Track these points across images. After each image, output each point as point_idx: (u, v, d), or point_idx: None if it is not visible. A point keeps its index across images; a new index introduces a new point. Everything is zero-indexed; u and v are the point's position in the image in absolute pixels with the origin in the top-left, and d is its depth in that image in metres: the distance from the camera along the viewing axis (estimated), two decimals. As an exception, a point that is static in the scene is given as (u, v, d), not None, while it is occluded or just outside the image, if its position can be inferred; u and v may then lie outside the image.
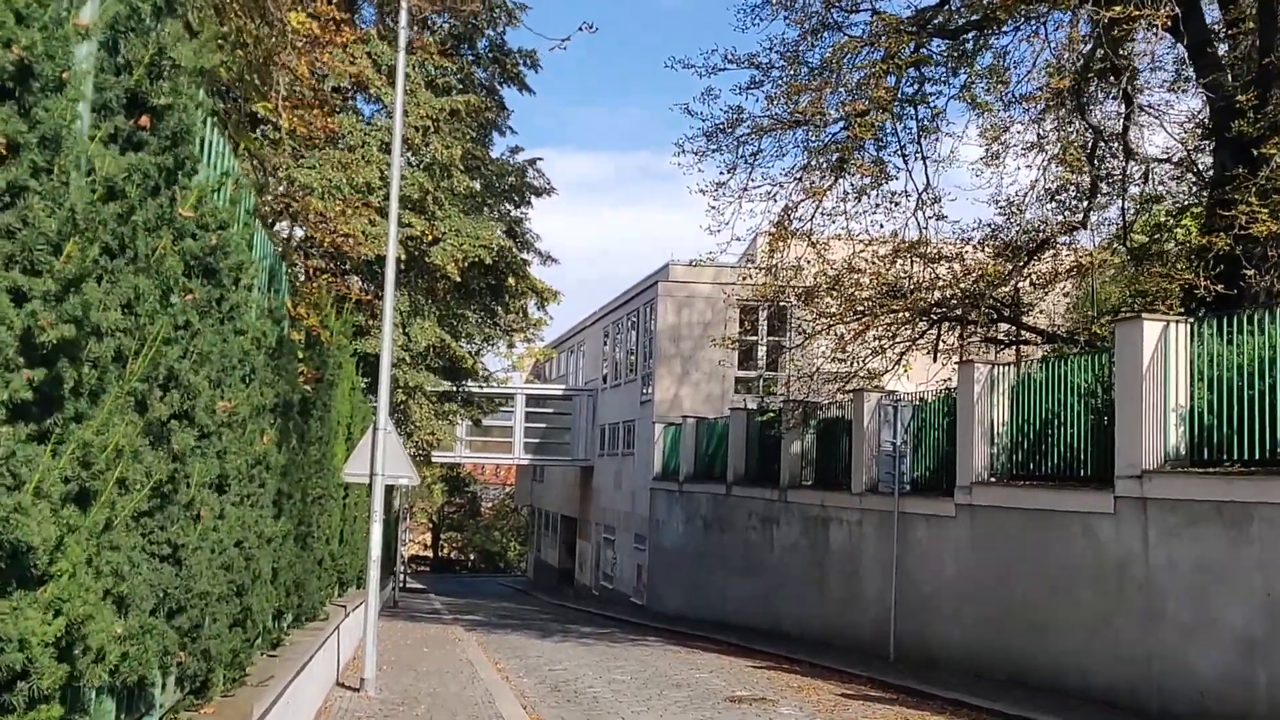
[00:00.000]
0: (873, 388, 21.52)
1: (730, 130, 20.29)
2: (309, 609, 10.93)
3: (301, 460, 8.79)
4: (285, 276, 8.37)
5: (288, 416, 7.79)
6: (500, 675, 16.25)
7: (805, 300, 21.86)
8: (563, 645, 22.09)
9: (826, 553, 22.68)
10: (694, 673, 17.87)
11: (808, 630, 23.21)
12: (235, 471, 5.77)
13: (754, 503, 26.80)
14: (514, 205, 25.67)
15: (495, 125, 25.61)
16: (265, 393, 6.73)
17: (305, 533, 10.14)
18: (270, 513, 7.19)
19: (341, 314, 11.93)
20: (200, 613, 5.32)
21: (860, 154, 19.32)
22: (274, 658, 8.09)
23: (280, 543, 8.05)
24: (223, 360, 5.33)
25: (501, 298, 26.10)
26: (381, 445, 13.32)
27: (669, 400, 36.10)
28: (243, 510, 6.25)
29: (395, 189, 12.88)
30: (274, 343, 7.19)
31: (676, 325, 36.43)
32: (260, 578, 6.84)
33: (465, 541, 77.64)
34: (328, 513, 11.88)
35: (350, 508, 15.60)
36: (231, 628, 6.38)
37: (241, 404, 5.67)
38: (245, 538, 6.28)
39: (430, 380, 20.60)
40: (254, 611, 6.68)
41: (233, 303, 5.55)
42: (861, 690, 16.51)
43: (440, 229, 18.85)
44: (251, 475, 6.39)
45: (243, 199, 6.14)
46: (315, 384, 9.45)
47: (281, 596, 8.21)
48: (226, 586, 5.89)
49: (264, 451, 6.56)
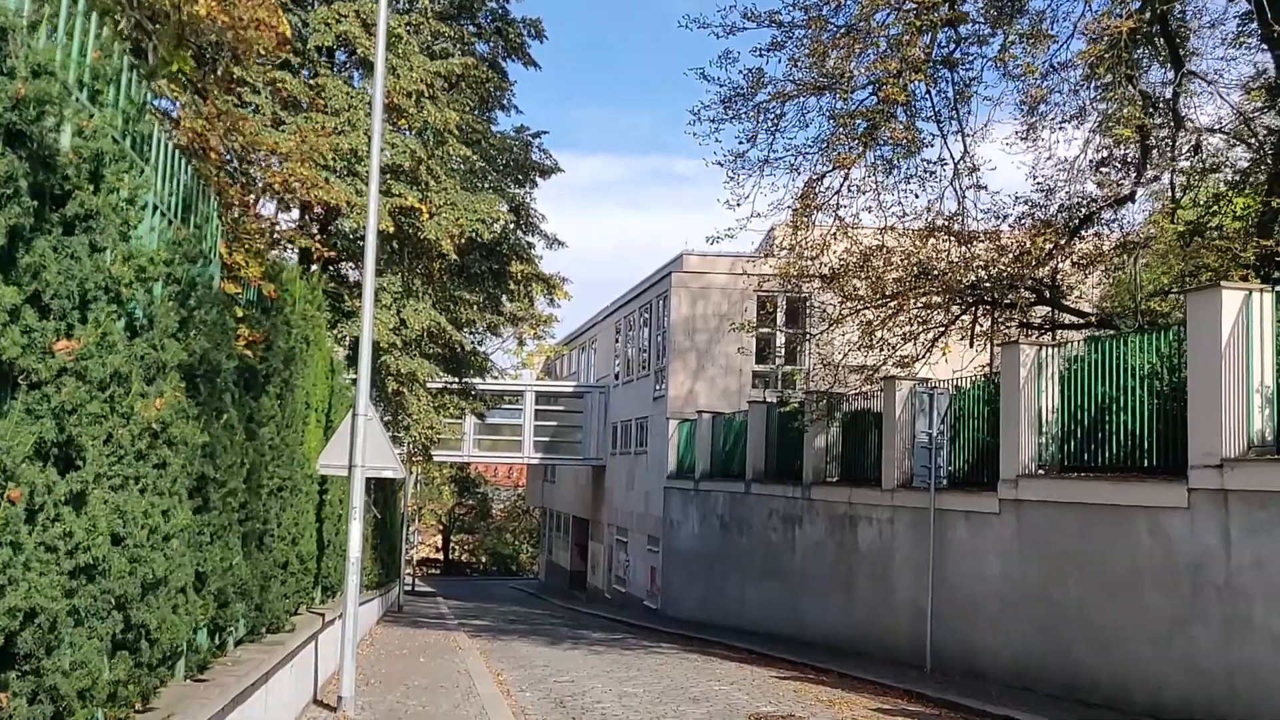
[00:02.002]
0: (904, 375, 19.94)
1: (750, 96, 18.72)
2: (269, 620, 9.41)
3: (240, 442, 7.27)
4: (216, 215, 6.87)
5: (212, 383, 6.28)
6: (500, 689, 14.74)
7: (830, 282, 20.29)
8: (572, 653, 20.59)
9: (854, 553, 21.10)
10: (713, 684, 16.36)
11: (834, 637, 21.64)
12: (96, 442, 4.25)
13: (775, 501, 25.25)
14: (517, 184, 24.15)
15: (499, 101, 24.10)
16: (164, 344, 5.20)
17: (259, 530, 8.63)
18: (182, 502, 5.68)
19: (309, 279, 10.49)
20: (37, 637, 3.80)
21: (891, 121, 17.71)
22: (201, 682, 6.57)
23: (209, 541, 6.54)
24: (64, 282, 3.80)
25: (505, 283, 24.57)
26: (361, 433, 11.81)
27: (683, 396, 34.60)
28: (123, 496, 4.72)
29: (378, 137, 11.36)
30: (184, 285, 5.67)
31: (691, 318, 34.92)
32: (163, 585, 5.32)
33: (476, 544, 76.34)
34: (294, 508, 10.36)
35: (334, 504, 14.07)
36: (114, 652, 4.87)
37: (100, 349, 4.15)
38: (128, 533, 4.76)
39: (426, 368, 19.09)
40: (151, 629, 5.16)
41: (88, 207, 4.03)
42: (898, 704, 14.96)
43: (434, 202, 17.34)
44: (139, 451, 4.87)
45: (120, 78, 4.63)
46: (265, 350, 7.93)
47: (212, 607, 6.69)
48: (90, 599, 4.36)
49: (160, 420, 5.03)
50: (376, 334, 17.64)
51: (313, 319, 10.63)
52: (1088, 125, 19.55)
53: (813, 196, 18.69)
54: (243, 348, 7.11)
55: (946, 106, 18.48)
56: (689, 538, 31.62)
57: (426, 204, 17.09)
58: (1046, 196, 19.44)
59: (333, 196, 15.07)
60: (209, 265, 6.63)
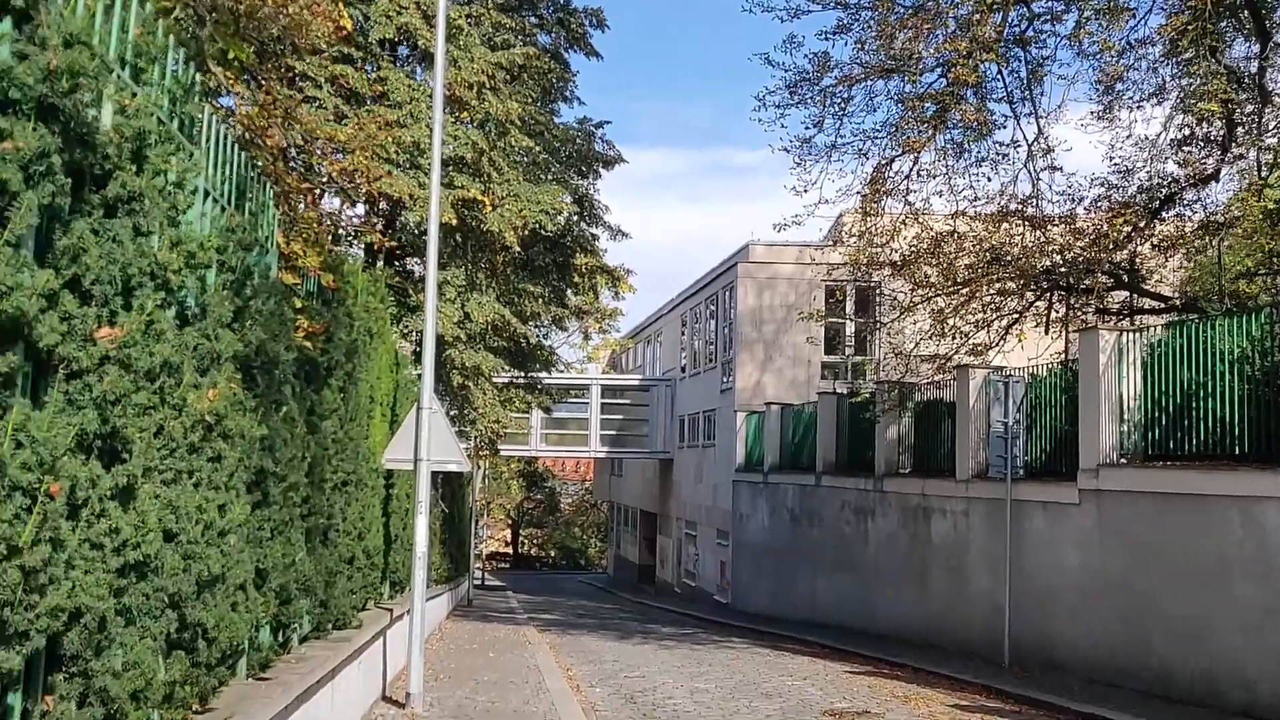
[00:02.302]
0: (977, 364, 19.44)
1: (815, 80, 18.34)
2: (335, 616, 9.29)
3: (301, 435, 7.12)
4: (271, 204, 6.72)
5: (270, 375, 6.13)
6: (570, 685, 14.57)
7: (901, 269, 19.85)
8: (642, 648, 20.39)
9: (928, 545, 20.66)
10: (786, 680, 16.06)
11: (907, 630, 21.21)
12: (145, 435, 4.09)
13: (846, 493, 24.85)
14: (580, 176, 23.95)
15: (561, 93, 23.90)
16: (218, 334, 5.05)
17: (323, 525, 8.50)
18: (239, 496, 5.53)
19: (372, 272, 10.37)
20: (84, 637, 3.65)
21: (961, 103, 17.22)
22: (263, 681, 6.44)
23: (269, 536, 6.40)
24: (105, 267, 3.64)
25: (569, 276, 24.36)
26: (426, 426, 11.69)
27: (751, 388, 34.24)
28: (175, 491, 4.57)
29: (438, 128, 11.22)
30: (239, 273, 5.52)
31: (757, 309, 34.53)
32: (220, 582, 5.17)
33: (545, 538, 76.53)
34: (359, 502, 10.25)
35: (400, 499, 13.97)
36: (169, 652, 4.72)
37: (146, 337, 3.98)
38: (181, 529, 4.61)
39: (490, 362, 18.95)
40: (208, 628, 5.01)
41: (131, 189, 3.86)
42: (976, 700, 14.56)
43: (497, 193, 17.17)
44: (191, 444, 4.72)
45: (166, 57, 4.46)
46: (325, 343, 7.79)
47: (273, 604, 6.55)
48: (141, 598, 4.21)
49: (213, 412, 4.88)
50: (441, 327, 17.53)
51: (375, 311, 10.51)
52: (1168, 103, 18.88)
53: (882, 182, 18.27)
54: (302, 339, 6.97)
55: (1019, 87, 17.97)
56: (759, 531, 31.29)
57: (489, 196, 16.93)
58: (1125, 177, 18.82)
59: (396, 189, 14.96)
60: (265, 254, 6.48)
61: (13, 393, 3.08)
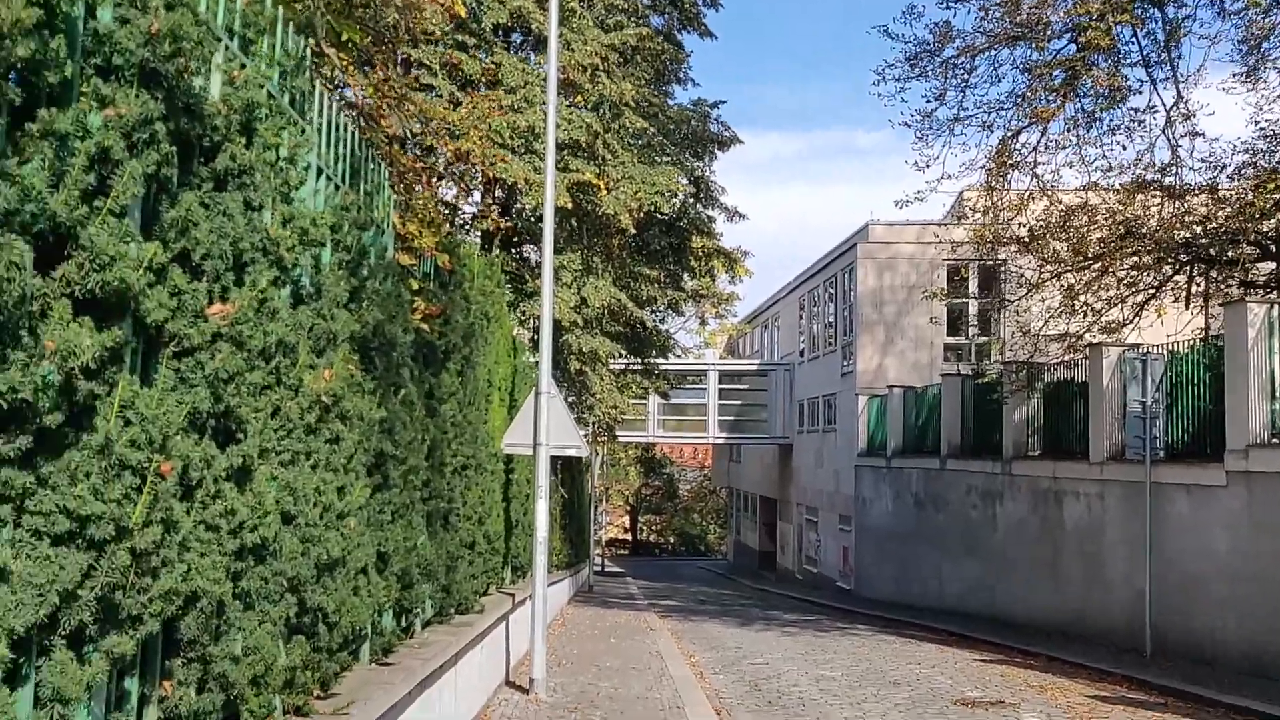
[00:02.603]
0: (1111, 342, 18.65)
1: (937, 52, 17.74)
2: (457, 601, 9.24)
3: (420, 418, 7.03)
4: (387, 184, 6.63)
5: (388, 357, 6.04)
6: (693, 671, 14.40)
7: (1028, 246, 19.14)
8: (764, 635, 20.13)
9: (1060, 530, 19.95)
10: (913, 668, 15.65)
11: (1038, 618, 20.54)
12: (261, 415, 3.99)
13: (972, 477, 24.18)
14: (695, 157, 23.66)
15: (675, 75, 23.63)
16: (334, 314, 4.95)
17: (444, 509, 8.44)
18: (359, 479, 5.44)
19: (489, 256, 10.31)
20: (200, 622, 3.56)
21: (1093, 69, 16.45)
22: (386, 666, 6.37)
23: (390, 520, 6.32)
24: (215, 241, 3.53)
25: (685, 259, 24.11)
26: (545, 411, 11.62)
27: (872, 370, 33.60)
28: (292, 473, 4.48)
29: (553, 105, 11.09)
30: (354, 253, 5.42)
31: (878, 289, 33.84)
32: (340, 565, 5.08)
33: (664, 524, 76.59)
34: (479, 487, 10.19)
35: (521, 484, 13.94)
36: (290, 637, 4.65)
37: (260, 315, 3.88)
38: (299, 511, 4.52)
39: (607, 346, 18.81)
40: (328, 612, 4.93)
41: (241, 162, 3.75)
42: (1117, 691, 13.96)
43: (612, 176, 17.01)
44: (308, 426, 4.62)
45: (275, 29, 4.36)
46: (443, 325, 7.69)
47: (395, 589, 6.47)
48: (260, 581, 4.13)
49: (330, 393, 4.78)
50: (557, 312, 17.48)
51: (492, 295, 10.43)
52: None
53: (1008, 154, 17.61)
54: (419, 321, 6.88)
55: (1155, 50, 17.08)
56: (882, 516, 30.72)
57: (604, 179, 16.77)
58: (1272, 142, 17.78)
59: (511, 174, 14.91)
60: (381, 235, 6.40)
61: (120, 368, 2.98)
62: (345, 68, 7.06)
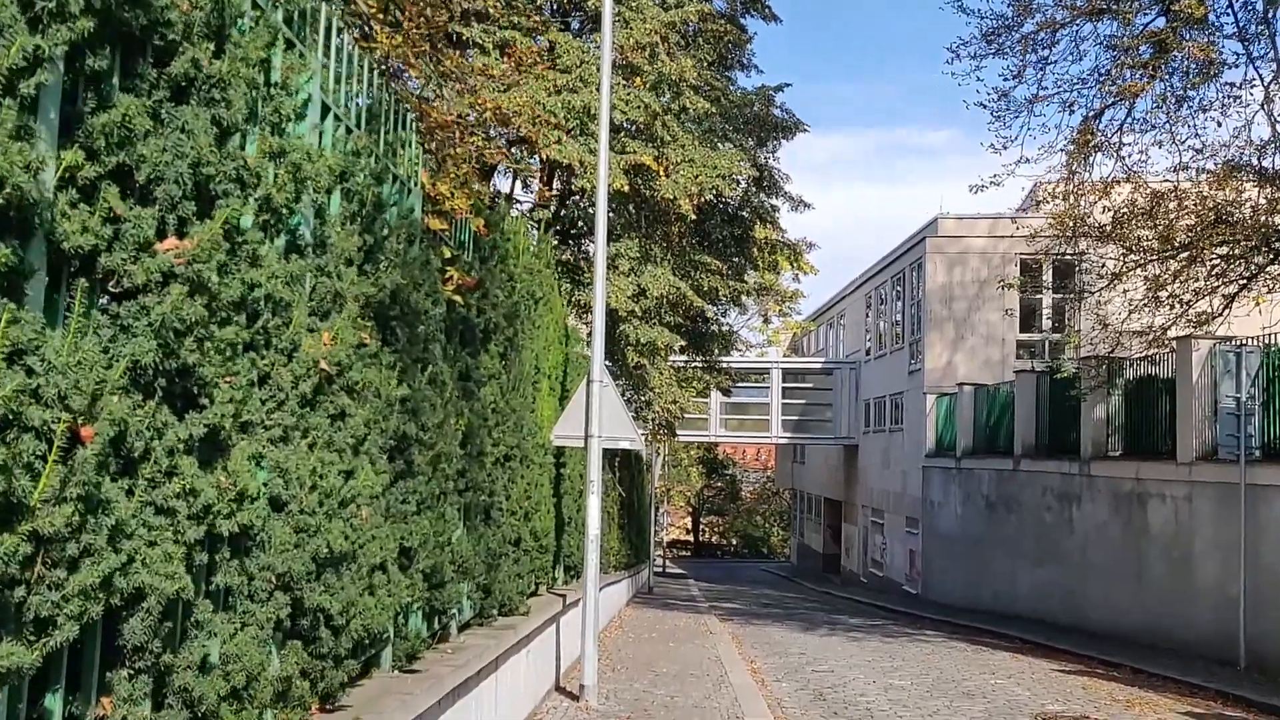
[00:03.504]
0: (1201, 335, 17.57)
1: (1015, 26, 16.80)
2: (499, 601, 8.59)
3: (452, 401, 6.37)
4: (415, 140, 5.98)
5: (412, 328, 5.38)
6: (754, 679, 13.67)
7: (1111, 234, 18.11)
8: (829, 640, 19.32)
9: (1144, 534, 18.89)
10: (988, 678, 14.78)
11: (1120, 627, 19.49)
12: (233, 378, 3.34)
13: (1048, 478, 23.13)
14: (759, 143, 22.84)
15: (737, 60, 22.85)
16: (339, 271, 4.31)
17: (484, 503, 7.79)
18: (374, 463, 4.79)
19: (538, 234, 9.68)
20: (148, 625, 2.92)
21: (1183, 43, 15.41)
22: (410, 674, 5.72)
23: (415, 511, 5.66)
24: (169, 162, 2.88)
25: (747, 250, 23.28)
26: (597, 400, 10.94)
27: (941, 369, 32.53)
28: (283, 452, 3.83)
29: (607, 70, 10.41)
30: (368, 206, 4.78)
31: (947, 285, 32.75)
32: (348, 561, 4.44)
33: (726, 526, 75.74)
34: (526, 480, 9.53)
35: (573, 479, 13.28)
36: (284, 642, 4.00)
37: (235, 259, 3.23)
38: (291, 496, 3.87)
39: (666, 337, 18.06)
40: (332, 614, 4.28)
41: (209, 73, 3.11)
42: (1212, 708, 13.01)
43: (671, 159, 16.28)
44: (303, 396, 3.97)
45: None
46: (480, 299, 7.04)
47: (421, 587, 5.82)
48: (239, 577, 3.48)
49: (333, 360, 4.13)
50: (614, 301, 16.79)
51: (540, 275, 9.77)
52: None
53: (1090, 135, 16.61)
54: (451, 292, 6.22)
55: (1253, 20, 15.94)
56: (951, 519, 29.69)
57: (663, 162, 16.05)
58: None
59: (565, 155, 14.28)
60: (406, 194, 5.75)
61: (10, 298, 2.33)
62: (372, 15, 6.43)
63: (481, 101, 8.51)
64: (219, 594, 3.53)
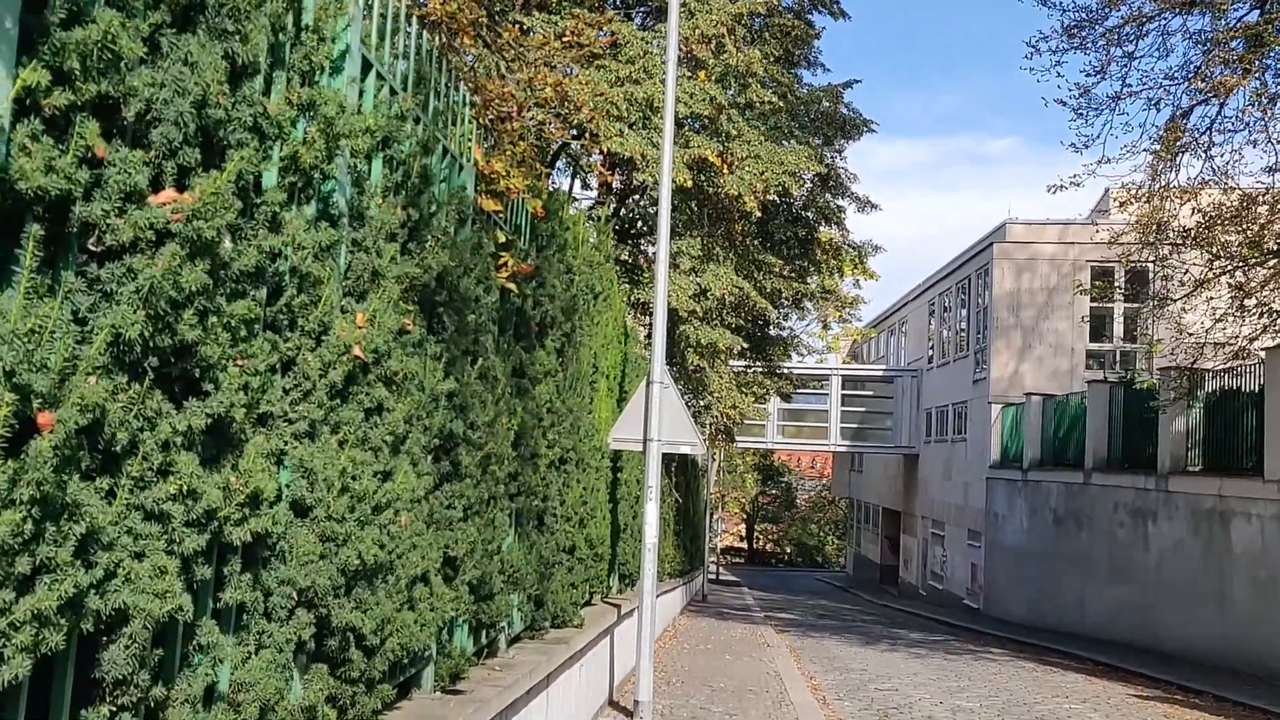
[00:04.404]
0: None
1: (1099, 20, 16.06)
2: (553, 613, 8.08)
3: (505, 398, 5.87)
4: (468, 114, 5.48)
5: (460, 316, 4.88)
6: (814, 696, 13.07)
7: (1196, 239, 17.27)
8: (890, 656, 18.62)
9: (1226, 554, 18.00)
10: (1062, 702, 14.05)
11: (1198, 651, 18.59)
12: (247, 362, 2.84)
13: (1121, 493, 22.23)
14: (826, 142, 22.16)
15: (805, 58, 22.21)
16: (379, 247, 3.81)
17: (538, 508, 7.28)
18: (417, 464, 4.30)
19: (597, 223, 9.16)
20: (131, 652, 2.42)
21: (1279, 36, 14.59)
22: (454, 694, 5.21)
23: (461, 517, 5.16)
24: (166, 100, 2.39)
25: (811, 252, 22.60)
26: (657, 402, 10.40)
27: (1007, 378, 31.62)
28: (309, 449, 3.34)
29: (673, 53, 9.89)
30: (414, 176, 4.28)
31: (1015, 292, 31.84)
32: (387, 572, 3.94)
33: (780, 534, 74.88)
34: (582, 485, 9.01)
35: (630, 485, 12.75)
36: (308, 666, 3.50)
37: (248, 219, 2.74)
38: (317, 499, 3.38)
39: (727, 339, 17.48)
40: (364, 633, 3.77)
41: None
42: (1306, 742, 12.20)
43: (736, 154, 15.71)
44: (333, 386, 3.47)
45: None
46: (536, 289, 6.53)
47: (467, 601, 5.32)
48: (251, 594, 2.99)
49: (369, 347, 3.64)
50: (675, 301, 16.24)
51: (600, 269, 9.25)
52: None
53: (1178, 133, 15.82)
54: (504, 280, 5.72)
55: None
56: (1016, 532, 28.78)
57: (728, 157, 15.49)
58: None
59: (626, 148, 13.78)
60: (458, 170, 5.26)
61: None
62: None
63: (542, 78, 8.02)
64: (229, 612, 3.04)
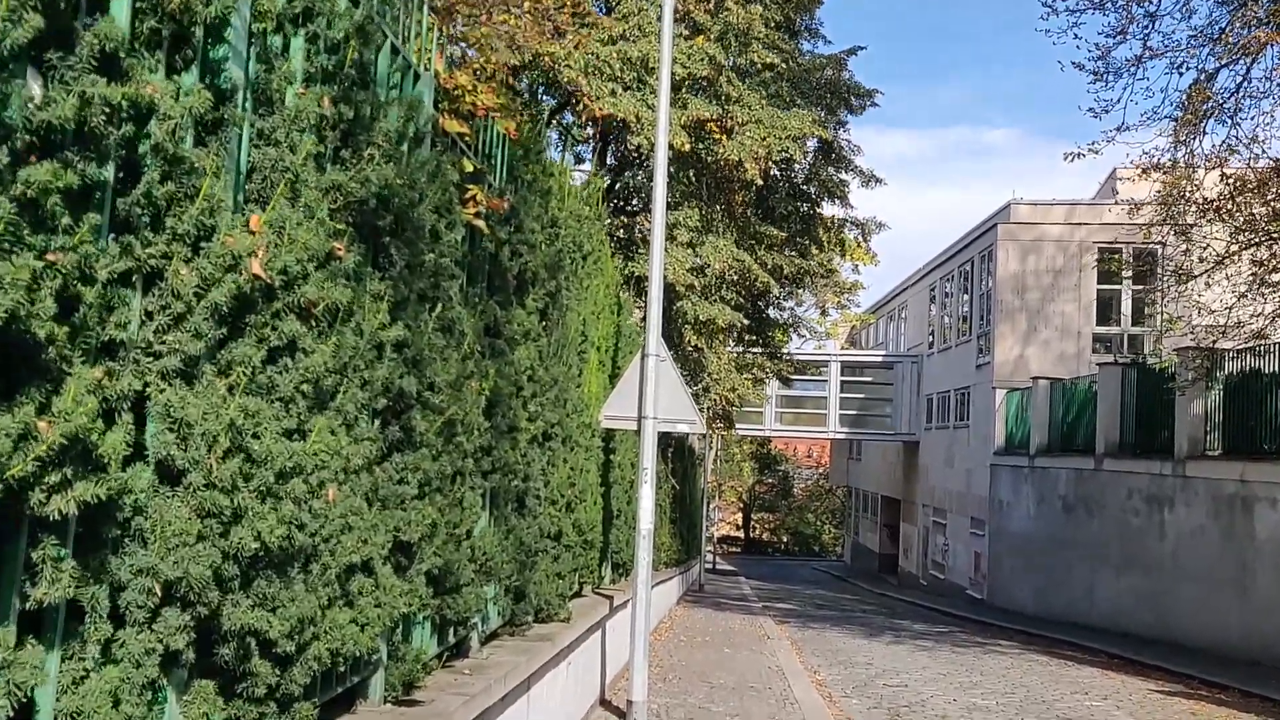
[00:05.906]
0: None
1: (1120, -22, 15.23)
2: (536, 606, 7.23)
3: (471, 357, 5.01)
4: (427, 14, 4.60)
5: (413, 250, 4.02)
6: (820, 694, 12.25)
7: (1219, 210, 16.43)
8: (895, 649, 17.82)
9: (1249, 541, 17.19)
10: (1081, 698, 13.27)
11: (1218, 643, 17.79)
12: (81, 271, 1.98)
13: (1134, 478, 21.42)
14: (829, 111, 21.24)
15: (806, 27, 21.29)
16: (291, 140, 2.95)
17: (518, 489, 6.42)
18: (352, 427, 3.44)
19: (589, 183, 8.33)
20: None
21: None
22: (408, 705, 4.36)
23: (417, 494, 4.30)
24: None
25: (813, 229, 21.70)
26: (653, 376, 9.53)
27: (1011, 362, 30.79)
28: (180, 396, 2.47)
29: (669, 12, 9.01)
30: (349, 65, 3.41)
31: (1020, 274, 30.98)
32: (311, 560, 3.09)
33: (777, 523, 74.17)
34: (570, 465, 8.15)
35: (623, 468, 11.90)
36: (185, 685, 2.64)
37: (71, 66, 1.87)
38: (190, 464, 2.51)
39: (726, 315, 16.59)
40: (273, 640, 2.91)
41: None
42: (1347, 742, 11.39)
43: (736, 117, 14.82)
44: (217, 310, 2.60)
45: None
46: (513, 234, 5.66)
47: (424, 594, 4.46)
48: (90, 588, 2.13)
49: (270, 266, 2.77)
50: (672, 274, 15.36)
51: (589, 224, 8.37)
52: None
53: (1204, 97, 14.96)
54: (473, 215, 4.86)
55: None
56: (1022, 520, 27.97)
57: (727, 121, 14.60)
58: None
59: (620, 109, 12.92)
60: (414, 81, 4.39)
61: None
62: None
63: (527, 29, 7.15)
64: (50, 616, 2.18)
